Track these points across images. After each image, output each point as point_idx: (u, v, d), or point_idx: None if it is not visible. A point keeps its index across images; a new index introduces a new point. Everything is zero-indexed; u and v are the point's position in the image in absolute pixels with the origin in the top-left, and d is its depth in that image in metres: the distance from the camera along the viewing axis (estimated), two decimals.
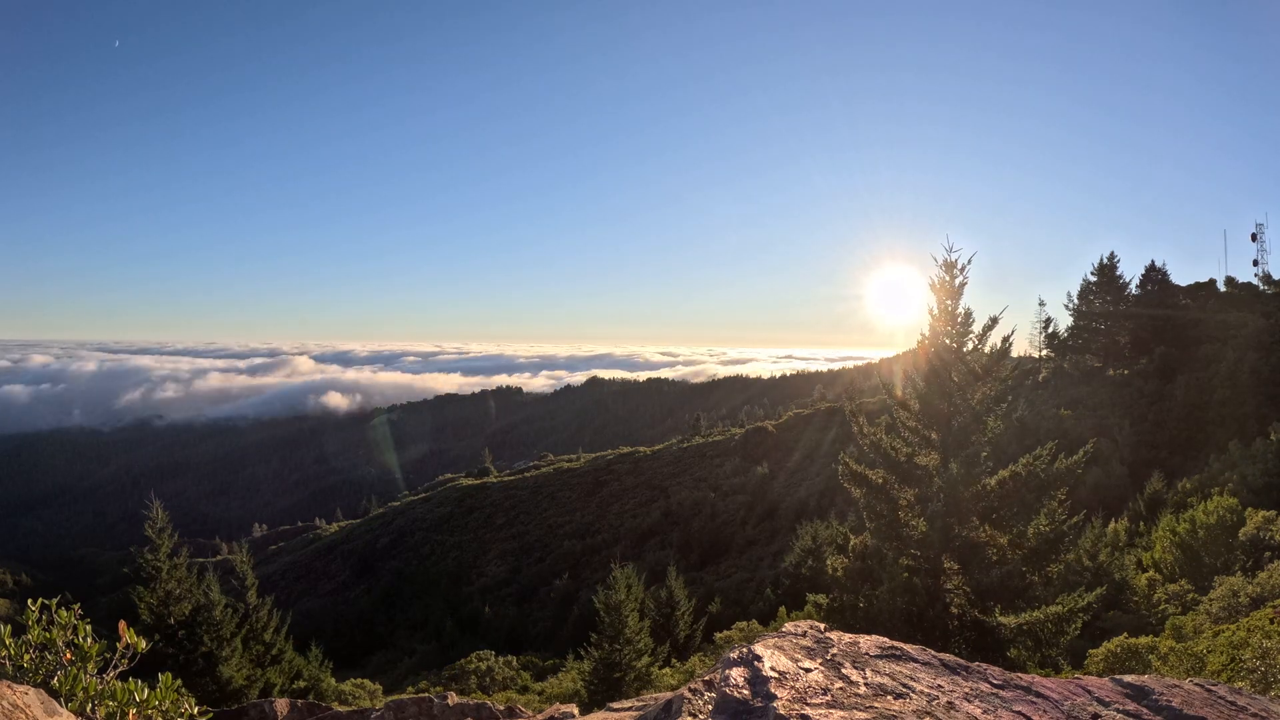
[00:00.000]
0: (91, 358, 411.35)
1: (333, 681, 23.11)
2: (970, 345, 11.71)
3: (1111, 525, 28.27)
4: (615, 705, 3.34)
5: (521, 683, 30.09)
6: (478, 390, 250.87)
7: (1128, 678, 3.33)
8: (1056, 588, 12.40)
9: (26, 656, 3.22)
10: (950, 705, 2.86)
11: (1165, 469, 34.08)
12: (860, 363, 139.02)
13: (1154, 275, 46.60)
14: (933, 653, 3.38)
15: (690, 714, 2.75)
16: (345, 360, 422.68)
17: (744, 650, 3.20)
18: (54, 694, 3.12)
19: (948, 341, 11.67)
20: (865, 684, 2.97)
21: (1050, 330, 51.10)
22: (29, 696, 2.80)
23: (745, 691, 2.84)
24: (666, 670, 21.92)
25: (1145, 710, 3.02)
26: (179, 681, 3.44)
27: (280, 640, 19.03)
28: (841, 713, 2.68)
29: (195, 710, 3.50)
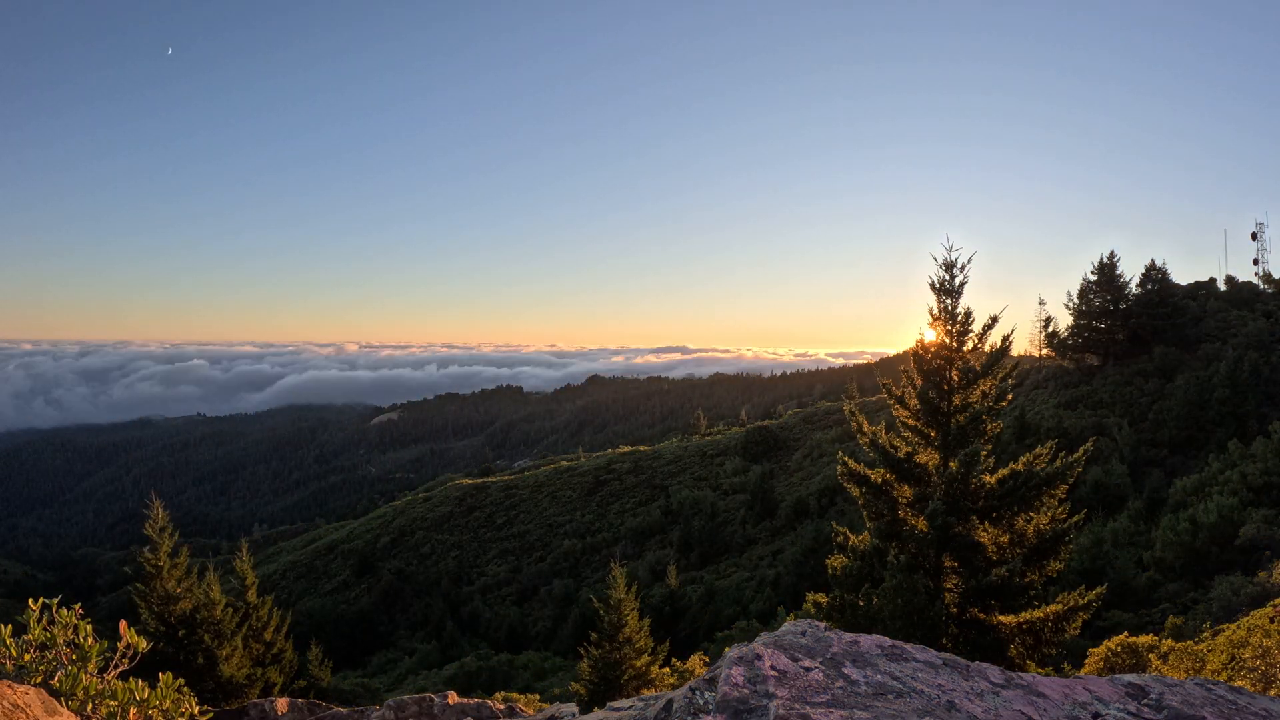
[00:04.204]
0: (92, 357, 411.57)
1: (333, 680, 23.12)
2: (970, 344, 11.71)
3: (1111, 524, 28.29)
4: (615, 704, 3.34)
5: (522, 682, 30.12)
6: (478, 389, 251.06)
7: (1128, 677, 3.33)
8: (1057, 586, 12.41)
9: (27, 656, 3.22)
10: (951, 704, 2.86)
11: (1165, 468, 34.11)
12: (860, 362, 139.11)
13: (1154, 274, 46.59)
14: (933, 652, 3.38)
15: (690, 713, 2.75)
16: (346, 358, 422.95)
17: (744, 649, 3.20)
18: (55, 693, 3.11)
19: (947, 340, 11.67)
20: (866, 683, 2.97)
21: (1050, 329, 51.10)
22: (30, 696, 2.80)
23: (745, 690, 2.84)
24: (666, 669, 21.93)
25: (1145, 709, 3.02)
26: (179, 681, 3.43)
27: (280, 639, 19.03)
28: (842, 712, 2.68)
29: (196, 709, 3.50)
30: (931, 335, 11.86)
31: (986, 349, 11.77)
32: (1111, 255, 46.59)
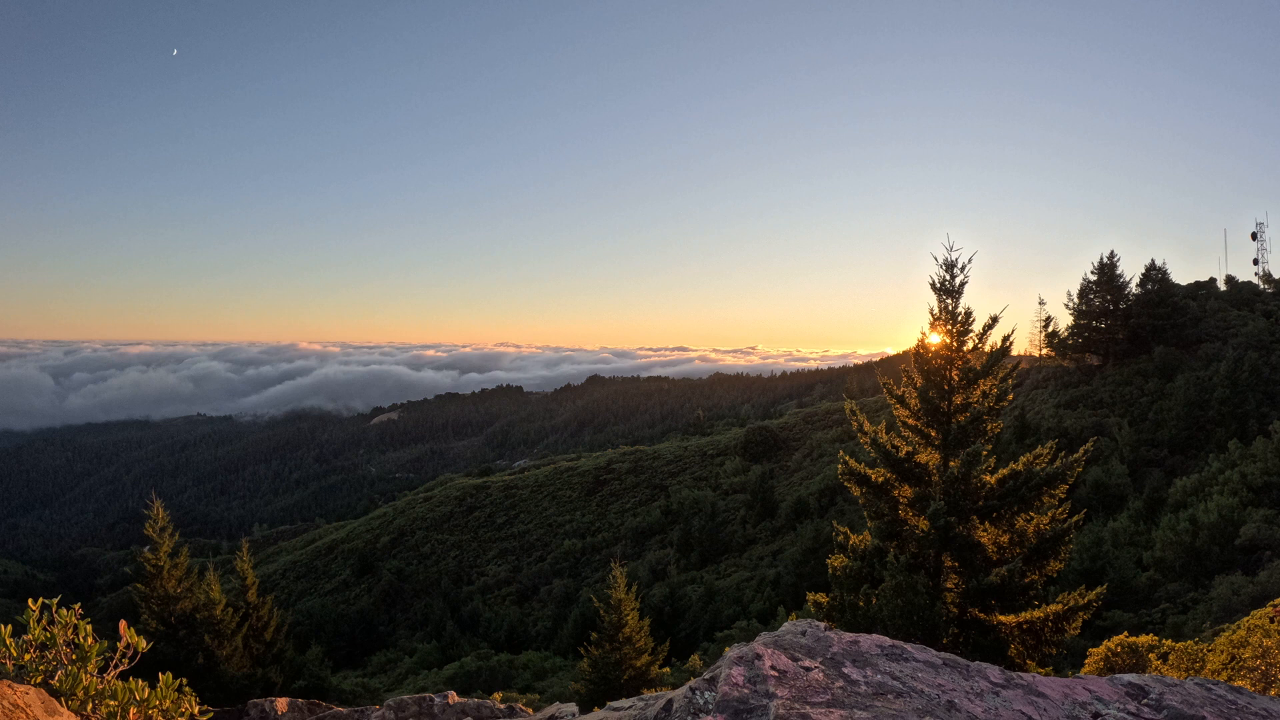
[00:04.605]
0: (93, 357, 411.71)
1: (333, 680, 23.12)
2: (970, 344, 11.71)
3: (1111, 524, 28.29)
4: (615, 704, 3.34)
5: (522, 682, 30.10)
6: (478, 389, 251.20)
7: (1128, 676, 3.33)
8: (1057, 586, 12.40)
9: (27, 656, 3.21)
10: (951, 704, 2.86)
11: (1165, 468, 34.11)
12: (861, 362, 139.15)
13: (1154, 274, 46.60)
14: (933, 652, 3.38)
15: (690, 713, 2.75)
16: (346, 358, 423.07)
17: (744, 649, 3.20)
18: (55, 693, 3.11)
19: (948, 340, 11.67)
20: (866, 683, 2.97)
21: (1050, 329, 51.11)
22: (30, 696, 2.79)
23: (745, 690, 2.84)
24: (666, 669, 21.94)
25: (1146, 709, 3.02)
26: (180, 681, 3.43)
27: (281, 639, 19.05)
28: (842, 711, 2.68)
29: (196, 709, 3.50)
30: (932, 335, 11.86)
31: (987, 349, 11.78)
32: (1111, 255, 46.61)
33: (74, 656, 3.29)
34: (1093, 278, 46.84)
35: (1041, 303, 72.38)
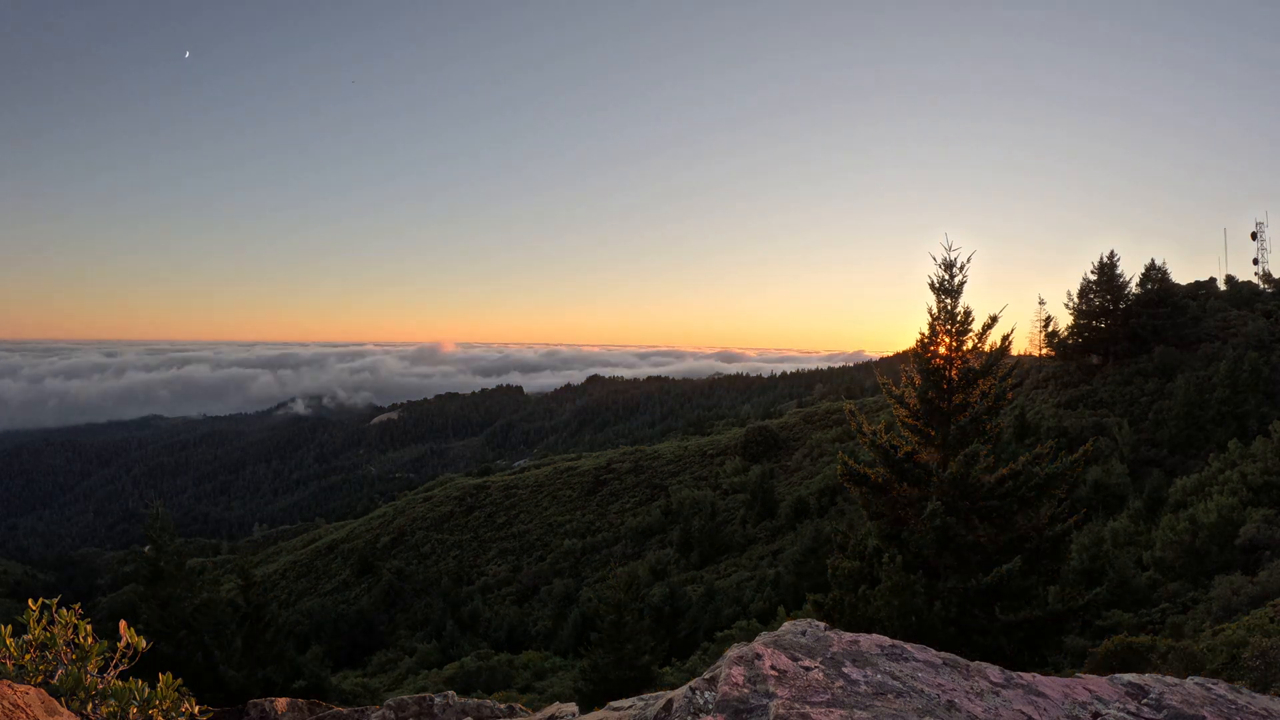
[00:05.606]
0: (93, 356, 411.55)
1: (333, 680, 23.10)
2: (970, 344, 11.72)
3: (1111, 524, 28.28)
4: (615, 704, 3.34)
5: (522, 682, 30.10)
6: (479, 389, 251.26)
7: (1128, 676, 3.33)
8: (1057, 586, 12.39)
9: (27, 656, 3.21)
10: (951, 704, 2.86)
11: (1165, 468, 34.09)
12: (860, 362, 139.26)
13: (1154, 274, 46.58)
14: (933, 651, 3.37)
15: (690, 713, 2.75)
16: (345, 358, 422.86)
17: (744, 649, 3.19)
18: (55, 693, 3.11)
19: (947, 340, 11.68)
20: (866, 683, 2.96)
21: (1050, 329, 51.07)
22: (30, 696, 2.79)
23: (745, 690, 2.83)
24: (667, 669, 21.94)
25: (1145, 709, 3.02)
26: (179, 681, 3.43)
27: (281, 639, 19.05)
28: (842, 711, 2.68)
29: (195, 709, 3.50)
30: (932, 335, 11.87)
31: (986, 348, 11.79)
32: (1111, 255, 46.58)
33: (74, 656, 3.29)
34: (1093, 277, 46.81)
35: (1041, 302, 72.26)
